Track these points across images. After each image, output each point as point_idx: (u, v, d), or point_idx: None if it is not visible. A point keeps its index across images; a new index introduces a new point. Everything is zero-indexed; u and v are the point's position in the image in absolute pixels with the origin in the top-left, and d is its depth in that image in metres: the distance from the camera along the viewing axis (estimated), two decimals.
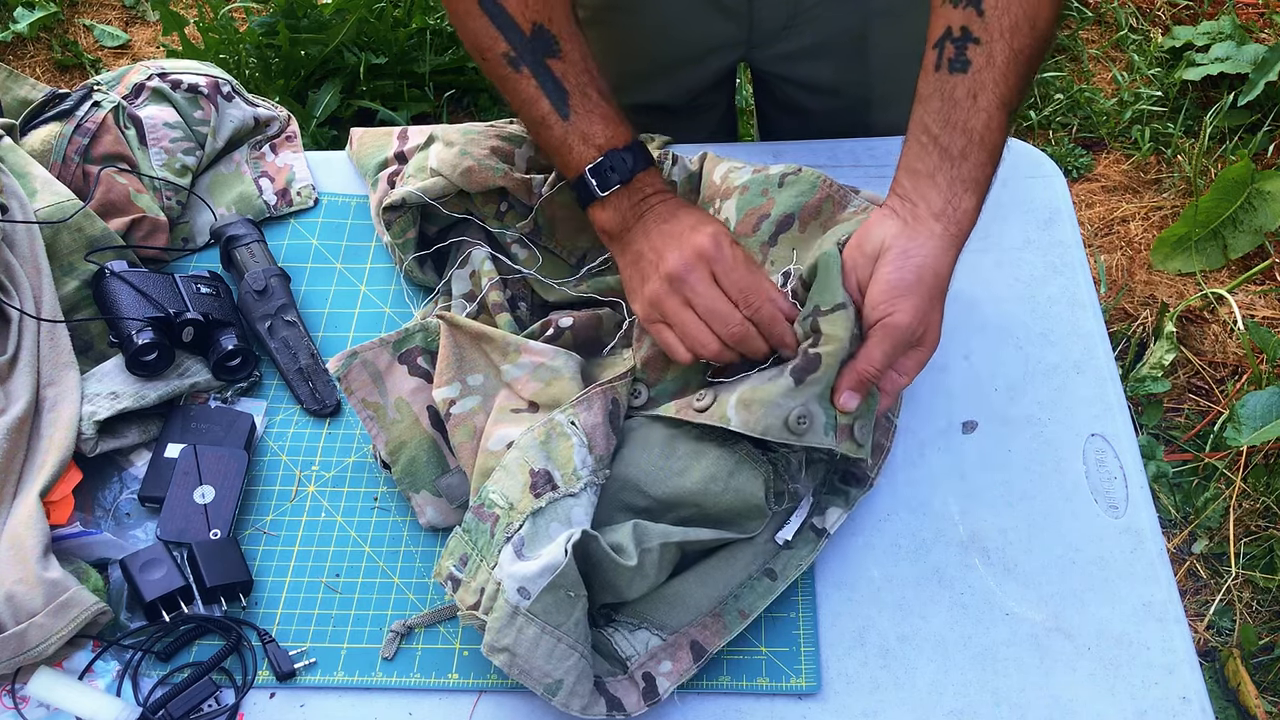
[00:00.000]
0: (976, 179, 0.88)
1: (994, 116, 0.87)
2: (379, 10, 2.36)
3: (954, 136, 0.88)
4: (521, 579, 0.80)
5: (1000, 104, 0.87)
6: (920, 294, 0.86)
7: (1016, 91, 0.88)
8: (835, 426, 0.86)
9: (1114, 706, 0.85)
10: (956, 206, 0.88)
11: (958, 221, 0.88)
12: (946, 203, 0.88)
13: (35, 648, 0.85)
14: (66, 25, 2.76)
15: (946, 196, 0.88)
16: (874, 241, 0.88)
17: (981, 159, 0.88)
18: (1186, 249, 2.16)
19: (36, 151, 1.13)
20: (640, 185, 0.96)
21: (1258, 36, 2.51)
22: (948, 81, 0.88)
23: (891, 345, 0.86)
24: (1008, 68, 0.87)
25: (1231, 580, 1.75)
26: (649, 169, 0.97)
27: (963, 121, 0.88)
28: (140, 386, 1.00)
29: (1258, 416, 1.81)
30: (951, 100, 0.88)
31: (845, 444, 0.87)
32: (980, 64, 0.87)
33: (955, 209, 0.88)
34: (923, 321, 0.87)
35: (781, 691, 0.86)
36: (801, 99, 1.31)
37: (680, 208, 0.96)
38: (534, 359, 0.95)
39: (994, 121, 0.88)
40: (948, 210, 0.88)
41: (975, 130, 0.87)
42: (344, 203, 1.21)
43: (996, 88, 0.87)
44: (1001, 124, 0.88)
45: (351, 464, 1.01)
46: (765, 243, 0.97)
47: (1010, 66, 0.87)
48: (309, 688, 0.88)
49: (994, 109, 0.87)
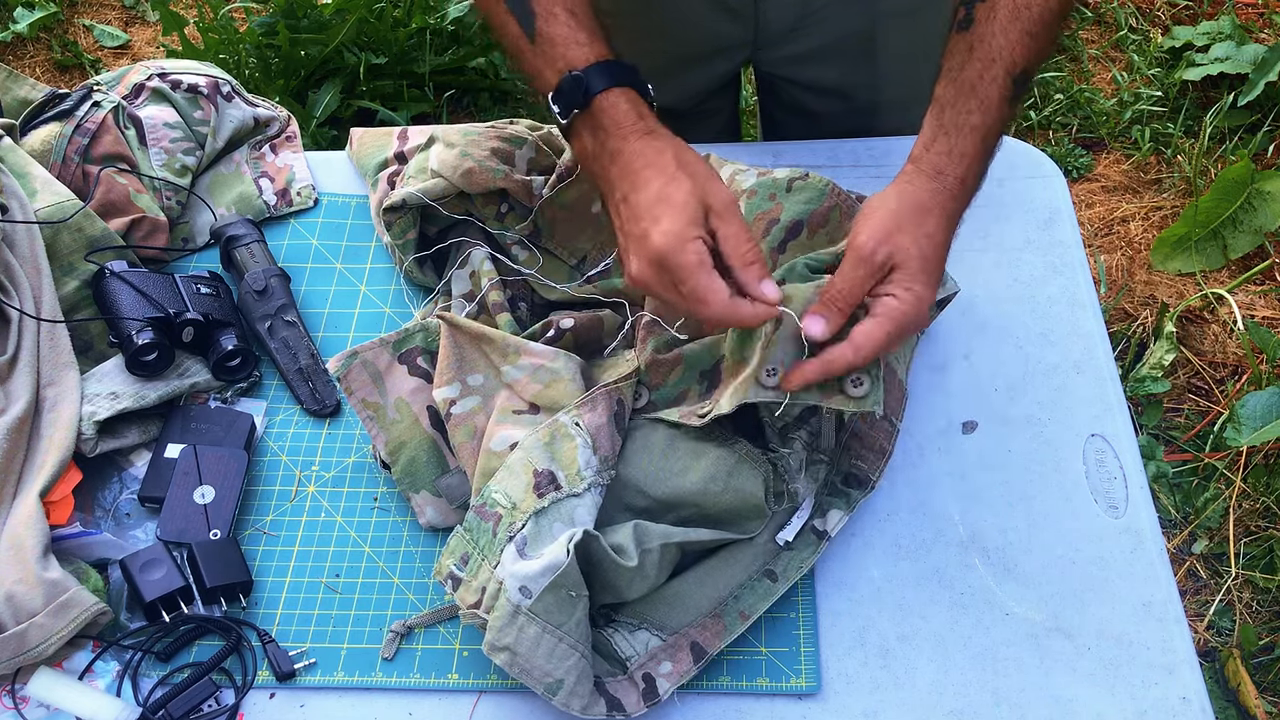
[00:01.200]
0: (958, 124, 0.88)
1: (988, 68, 0.87)
2: (379, 10, 2.36)
3: (946, 88, 0.88)
4: (523, 578, 0.80)
5: (996, 56, 0.87)
6: (879, 216, 0.85)
7: (1020, 46, 0.87)
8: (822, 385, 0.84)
9: (1114, 706, 0.85)
10: (930, 148, 0.88)
11: (931, 161, 0.87)
12: (923, 148, 0.88)
13: (35, 648, 0.85)
14: (66, 25, 2.76)
15: (924, 143, 0.88)
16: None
17: (968, 106, 0.87)
18: (1186, 249, 2.16)
19: (36, 151, 1.13)
20: (601, 114, 0.88)
21: (1258, 36, 2.51)
22: (953, 40, 0.89)
23: (852, 263, 0.84)
24: (1009, 22, 0.87)
25: (1231, 580, 1.75)
26: (611, 89, 0.88)
27: (956, 74, 0.88)
28: (140, 386, 1.00)
29: (1258, 416, 1.81)
30: (951, 55, 0.89)
31: (836, 399, 0.84)
32: (982, 18, 0.87)
33: (929, 150, 0.88)
34: (883, 240, 0.84)
35: (781, 691, 0.86)
36: (808, 102, 1.30)
37: (645, 165, 0.87)
38: (534, 361, 0.95)
39: (987, 73, 0.87)
40: (922, 154, 0.88)
41: (967, 80, 0.87)
42: (344, 203, 1.21)
43: (994, 39, 0.87)
44: (996, 77, 0.87)
45: (351, 464, 1.01)
46: (774, 249, 0.96)
47: (1012, 21, 0.87)
48: (309, 688, 0.88)
49: (988, 61, 0.87)
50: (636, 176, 0.87)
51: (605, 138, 0.89)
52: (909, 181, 0.87)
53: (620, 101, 0.88)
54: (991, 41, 0.87)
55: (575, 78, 0.89)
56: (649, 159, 0.87)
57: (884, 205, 0.86)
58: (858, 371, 0.84)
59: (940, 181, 0.87)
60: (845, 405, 0.84)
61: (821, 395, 0.84)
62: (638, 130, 0.88)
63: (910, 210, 0.85)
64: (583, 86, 0.88)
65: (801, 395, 0.84)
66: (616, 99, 0.88)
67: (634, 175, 0.87)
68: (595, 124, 0.89)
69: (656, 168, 0.86)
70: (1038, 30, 0.88)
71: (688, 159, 0.88)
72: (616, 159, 0.88)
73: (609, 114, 0.88)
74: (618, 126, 0.88)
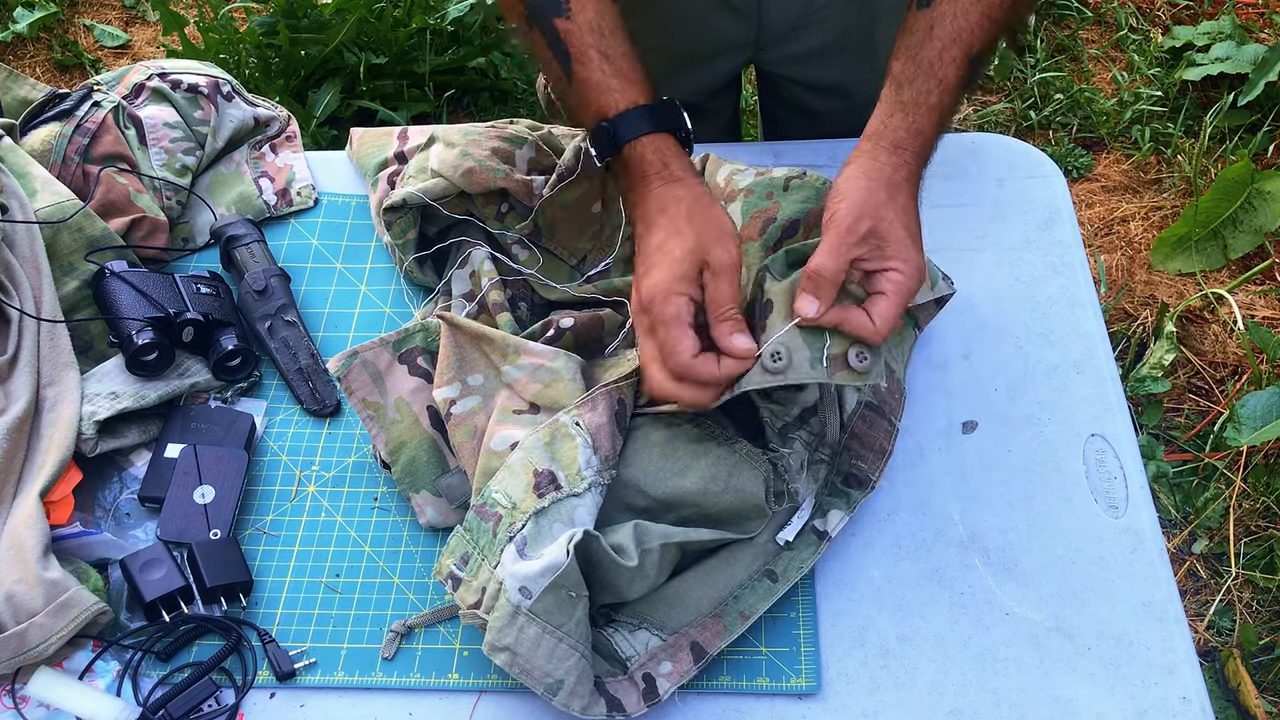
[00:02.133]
0: (917, 102, 0.88)
1: (947, 49, 0.88)
2: (379, 10, 2.36)
3: (904, 66, 0.89)
4: (523, 578, 0.80)
5: (954, 38, 0.88)
6: (854, 191, 0.85)
7: (978, 29, 0.89)
8: (825, 359, 0.83)
9: (1114, 706, 0.85)
10: (888, 125, 0.88)
11: (889, 136, 0.88)
12: (881, 124, 0.89)
13: (35, 648, 0.85)
14: (66, 25, 2.76)
15: (882, 119, 0.89)
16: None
17: (927, 86, 0.88)
18: (1186, 249, 2.16)
19: (36, 151, 1.13)
20: (629, 162, 0.92)
21: (1258, 36, 2.51)
22: (911, 18, 0.90)
23: (833, 235, 0.84)
24: (971, 4, 0.88)
25: (1231, 580, 1.75)
26: (639, 139, 0.92)
27: (914, 52, 0.88)
28: (140, 386, 1.00)
29: (1258, 416, 1.81)
30: (909, 33, 0.89)
31: (841, 375, 0.84)
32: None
33: (887, 127, 0.88)
34: (864, 212, 0.85)
35: (781, 691, 0.86)
36: (810, 100, 1.31)
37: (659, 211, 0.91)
38: (533, 361, 0.95)
39: (947, 54, 0.88)
40: (879, 129, 0.89)
41: (925, 60, 0.88)
42: (344, 203, 1.21)
43: (954, 21, 0.88)
44: (955, 59, 0.88)
45: (351, 464, 1.01)
46: (770, 247, 0.96)
47: (974, 3, 0.88)
48: (309, 688, 0.88)
49: (947, 41, 0.88)
50: (651, 222, 0.91)
51: (631, 183, 0.93)
52: (872, 159, 0.88)
53: (646, 151, 0.92)
54: (952, 22, 0.88)
55: (604, 127, 0.93)
56: (664, 206, 0.90)
57: (855, 182, 0.86)
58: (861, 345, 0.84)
59: (900, 156, 0.88)
60: (849, 380, 0.84)
61: (828, 372, 0.84)
62: (661, 177, 0.92)
63: (884, 185, 0.86)
64: (611, 136, 0.92)
65: (808, 373, 0.83)
66: (643, 148, 0.92)
67: (648, 220, 0.91)
68: (624, 169, 0.93)
69: (668, 216, 0.90)
70: (998, 15, 0.89)
71: (700, 213, 0.90)
72: (639, 203, 0.92)
73: (635, 162, 0.92)
74: (642, 175, 0.92)
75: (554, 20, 0.94)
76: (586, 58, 0.93)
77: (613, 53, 0.94)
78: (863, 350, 0.84)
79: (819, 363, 0.83)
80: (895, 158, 0.87)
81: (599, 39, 0.94)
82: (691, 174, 0.93)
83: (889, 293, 0.84)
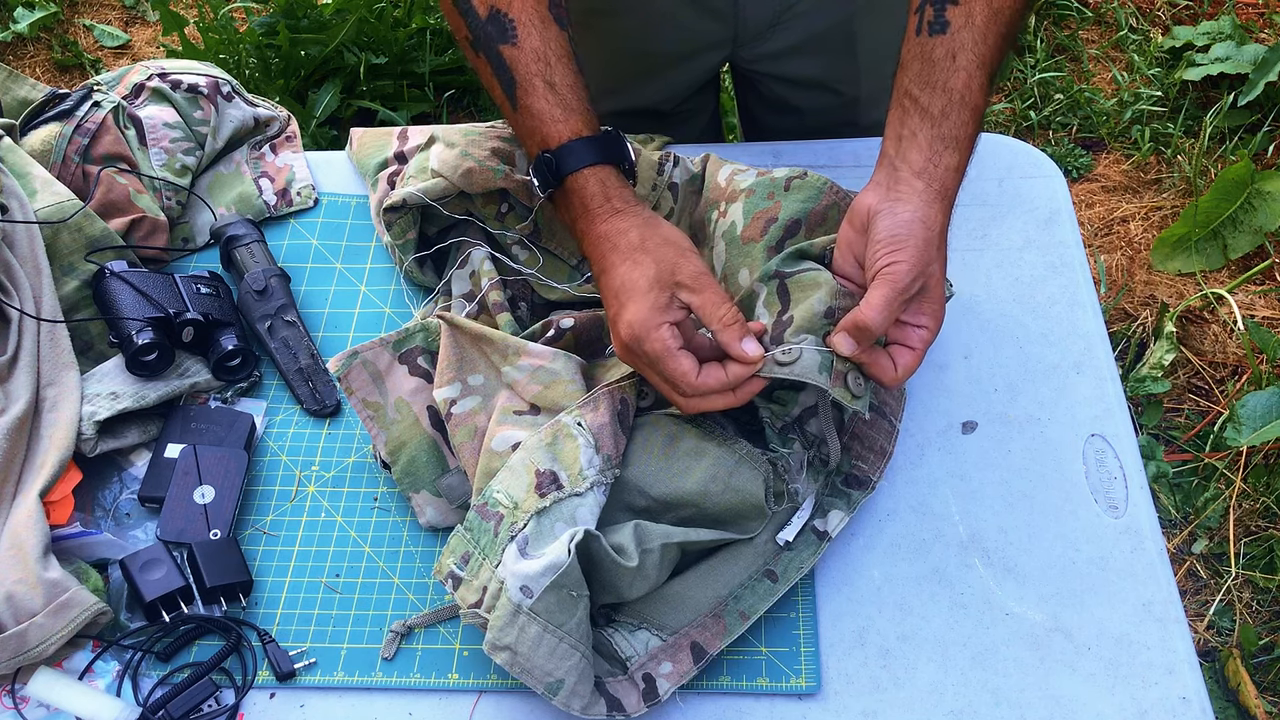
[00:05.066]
0: (958, 137, 0.87)
1: (974, 76, 0.87)
2: (379, 10, 2.36)
3: (934, 97, 0.87)
4: (524, 578, 0.80)
5: (980, 63, 0.87)
6: (914, 244, 0.84)
7: (996, 51, 0.88)
8: (830, 370, 0.85)
9: (1114, 706, 0.85)
10: (938, 164, 0.87)
11: (940, 178, 0.87)
12: (928, 160, 0.87)
13: (35, 648, 0.85)
14: (66, 25, 2.76)
15: (927, 155, 0.87)
16: (861, 213, 0.88)
17: (964, 118, 0.87)
18: (1186, 249, 2.16)
19: (36, 151, 1.13)
20: (571, 195, 0.92)
21: (1258, 36, 2.51)
22: (927, 44, 0.88)
23: (889, 292, 0.83)
24: (987, 27, 0.87)
25: (1231, 580, 1.75)
26: (580, 170, 0.91)
27: (942, 82, 0.87)
28: (140, 386, 1.00)
29: (1258, 416, 1.81)
30: (930, 61, 0.88)
31: (838, 389, 0.85)
32: (959, 24, 0.87)
33: (937, 165, 0.87)
34: (921, 270, 0.84)
35: (781, 691, 0.86)
36: (790, 96, 1.30)
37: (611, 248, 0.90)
38: (533, 362, 0.95)
39: (974, 81, 0.87)
40: (929, 168, 0.87)
41: (955, 90, 0.87)
42: (344, 203, 1.21)
43: (976, 47, 0.87)
44: (982, 84, 0.88)
45: (351, 464, 1.01)
46: (772, 247, 0.96)
47: (989, 26, 0.87)
48: (309, 688, 0.88)
49: (973, 68, 0.87)
50: (604, 260, 0.90)
51: (574, 215, 0.93)
52: (928, 205, 0.86)
53: (589, 184, 0.92)
54: (975, 49, 0.87)
55: (546, 158, 0.93)
56: (613, 241, 0.90)
57: (914, 230, 0.85)
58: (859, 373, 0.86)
59: (947, 200, 0.87)
60: (844, 397, 0.85)
61: (831, 380, 0.85)
62: (604, 212, 0.91)
63: (937, 235, 0.86)
64: (553, 167, 0.92)
65: (814, 376, 0.84)
66: (585, 180, 0.92)
67: (601, 258, 0.90)
68: (566, 201, 0.93)
69: (620, 252, 0.89)
70: (1010, 33, 0.89)
71: (651, 237, 0.90)
72: (585, 239, 0.92)
73: (578, 195, 0.92)
74: (585, 209, 0.92)
75: (500, 47, 0.94)
76: (531, 86, 0.93)
77: (558, 82, 0.94)
78: (860, 378, 0.86)
79: (825, 370, 0.85)
80: (944, 202, 0.87)
81: (544, 67, 0.94)
82: (633, 203, 0.92)
83: (917, 348, 0.86)
